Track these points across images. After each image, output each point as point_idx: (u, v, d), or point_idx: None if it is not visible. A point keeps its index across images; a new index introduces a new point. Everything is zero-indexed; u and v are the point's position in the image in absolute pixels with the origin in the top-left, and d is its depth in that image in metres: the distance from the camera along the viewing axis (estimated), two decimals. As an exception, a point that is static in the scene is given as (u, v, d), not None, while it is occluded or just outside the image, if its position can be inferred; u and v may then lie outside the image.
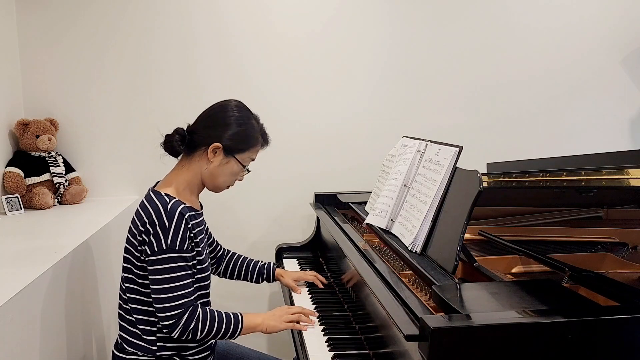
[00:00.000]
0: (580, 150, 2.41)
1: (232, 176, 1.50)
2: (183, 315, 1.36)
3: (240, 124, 1.46)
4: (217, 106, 1.50)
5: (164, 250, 1.35)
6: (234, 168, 1.48)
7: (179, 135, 1.45)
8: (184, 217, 1.37)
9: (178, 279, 1.36)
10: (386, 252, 1.63)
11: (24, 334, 1.28)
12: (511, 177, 1.53)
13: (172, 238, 1.35)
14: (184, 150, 1.47)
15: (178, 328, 1.36)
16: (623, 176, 1.22)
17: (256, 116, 1.54)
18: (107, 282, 2.00)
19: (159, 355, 1.43)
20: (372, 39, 2.53)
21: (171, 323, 1.36)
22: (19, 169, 2.17)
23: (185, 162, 1.48)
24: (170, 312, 1.35)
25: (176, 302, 1.35)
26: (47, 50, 2.32)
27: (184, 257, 1.38)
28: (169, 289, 1.35)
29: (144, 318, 1.43)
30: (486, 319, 0.98)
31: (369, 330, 1.42)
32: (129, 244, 1.43)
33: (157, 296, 1.36)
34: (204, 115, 1.50)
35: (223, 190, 1.54)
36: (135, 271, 1.42)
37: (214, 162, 1.45)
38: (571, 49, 2.65)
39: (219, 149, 1.44)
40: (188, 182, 1.47)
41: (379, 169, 2.03)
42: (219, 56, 2.44)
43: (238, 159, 1.47)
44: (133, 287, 1.43)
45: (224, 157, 1.45)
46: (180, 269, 1.37)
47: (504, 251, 1.54)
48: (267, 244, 2.50)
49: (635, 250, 1.57)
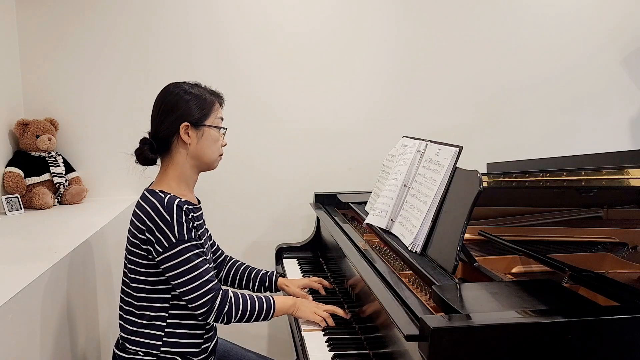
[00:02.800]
0: (580, 150, 2.41)
1: (215, 143, 1.50)
2: (215, 300, 1.37)
3: (188, 94, 1.46)
4: (161, 95, 1.49)
5: (174, 244, 1.35)
6: (212, 135, 1.48)
7: (146, 144, 1.46)
8: (182, 209, 1.38)
9: (197, 266, 1.37)
10: (386, 252, 1.63)
11: (23, 334, 1.28)
12: (511, 177, 1.53)
13: (178, 230, 1.36)
14: (159, 153, 1.48)
15: (213, 313, 1.38)
16: (623, 176, 1.22)
17: (197, 82, 1.54)
18: (107, 282, 2.00)
19: (162, 352, 1.43)
20: (372, 39, 2.53)
21: (205, 310, 1.37)
22: (19, 169, 2.17)
23: (167, 160, 1.48)
24: (201, 300, 1.36)
25: (203, 288, 1.36)
26: (47, 50, 2.32)
27: (196, 245, 1.39)
28: (191, 279, 1.36)
29: (151, 314, 1.42)
30: (486, 319, 0.98)
31: (369, 330, 1.42)
32: (131, 245, 1.42)
33: (182, 289, 1.37)
34: (155, 111, 1.49)
35: (217, 162, 1.53)
36: (140, 270, 1.42)
37: (191, 142, 1.45)
38: (571, 49, 2.65)
39: (189, 127, 1.44)
40: (179, 177, 1.47)
41: (379, 169, 2.03)
42: (219, 56, 2.44)
43: (209, 124, 1.48)
44: (139, 286, 1.42)
45: (197, 131, 1.45)
46: (196, 256, 1.37)
47: (504, 251, 1.54)
48: (267, 244, 2.50)
49: (635, 250, 1.57)
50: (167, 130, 1.45)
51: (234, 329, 2.53)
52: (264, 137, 2.51)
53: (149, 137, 1.48)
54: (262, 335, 2.64)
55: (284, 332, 2.55)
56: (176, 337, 1.44)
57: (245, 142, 2.49)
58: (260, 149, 2.51)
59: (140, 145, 1.47)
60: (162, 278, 1.41)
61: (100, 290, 1.93)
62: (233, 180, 2.52)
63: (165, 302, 1.43)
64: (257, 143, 2.52)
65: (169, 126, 1.45)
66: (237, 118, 2.46)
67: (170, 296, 1.43)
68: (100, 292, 1.93)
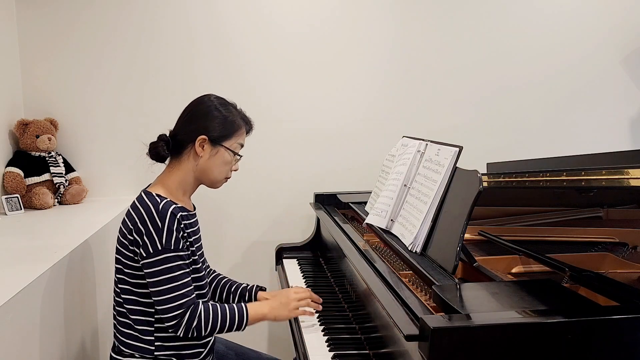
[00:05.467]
0: (580, 150, 2.41)
1: (225, 166, 1.50)
2: (185, 315, 1.36)
3: (219, 111, 1.46)
4: (194, 102, 1.50)
5: (159, 251, 1.35)
6: (225, 157, 1.48)
7: (163, 141, 1.46)
8: (176, 217, 1.37)
9: (176, 278, 1.36)
10: (386, 252, 1.63)
11: (23, 334, 1.28)
12: (511, 177, 1.53)
13: (166, 238, 1.35)
14: (171, 153, 1.47)
15: (182, 327, 1.36)
16: (623, 176, 1.22)
17: (234, 103, 1.54)
18: (107, 282, 2.00)
19: (157, 356, 1.42)
20: (372, 39, 2.53)
21: (174, 323, 1.36)
22: (19, 169, 2.17)
23: (174, 163, 1.48)
24: (172, 313, 1.35)
25: (177, 302, 1.35)
26: (47, 50, 2.32)
27: (180, 256, 1.37)
28: (168, 289, 1.35)
29: (140, 318, 1.42)
30: (486, 319, 0.98)
31: (369, 330, 1.42)
32: (120, 245, 1.42)
33: (157, 298, 1.36)
34: (183, 114, 1.50)
35: (221, 183, 1.53)
36: (126, 271, 1.41)
37: (203, 156, 1.45)
38: (571, 49, 2.65)
39: (205, 141, 1.44)
40: (179, 182, 1.47)
41: (379, 169, 2.03)
42: (219, 56, 2.44)
43: (226, 147, 1.47)
44: (126, 287, 1.42)
45: (213, 148, 1.45)
46: (177, 268, 1.36)
47: (504, 251, 1.54)
48: (267, 244, 2.50)
49: (635, 250, 1.57)
50: (186, 135, 1.45)
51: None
52: (264, 138, 2.51)
53: (167, 135, 1.48)
54: (262, 334, 2.64)
55: (284, 331, 2.55)
56: (168, 341, 1.43)
57: (246, 142, 2.48)
58: (260, 149, 2.51)
59: (157, 139, 1.46)
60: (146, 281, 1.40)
61: (100, 290, 1.93)
62: (233, 181, 2.50)
63: (151, 307, 1.41)
64: (257, 143, 2.51)
65: (189, 133, 1.45)
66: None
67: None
68: (100, 292, 1.93)
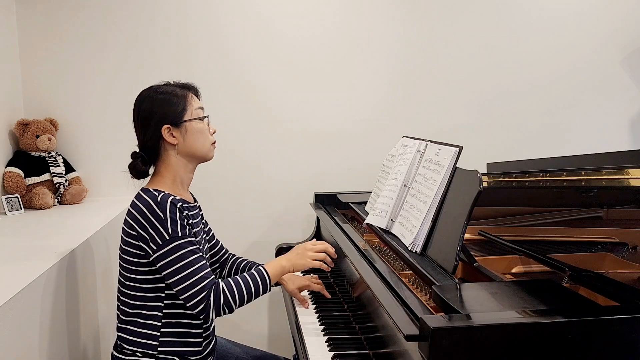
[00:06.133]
0: (580, 150, 2.41)
1: (202, 134, 1.49)
2: (210, 296, 1.36)
3: (159, 97, 1.46)
4: (135, 108, 1.48)
5: (167, 241, 1.35)
6: (195, 127, 1.47)
7: (138, 158, 1.46)
8: (176, 207, 1.38)
9: (192, 263, 1.36)
10: (386, 252, 1.63)
11: (24, 333, 1.28)
12: (511, 177, 1.53)
13: (171, 227, 1.35)
14: (151, 161, 1.48)
15: (211, 309, 1.36)
16: (623, 176, 1.21)
17: (164, 82, 1.54)
18: (107, 282, 2.00)
19: (160, 352, 1.42)
20: (372, 39, 2.53)
21: (202, 308, 1.35)
22: (19, 169, 2.17)
23: (160, 165, 1.48)
24: (197, 298, 1.35)
25: (198, 285, 1.35)
26: (47, 49, 2.32)
27: (190, 241, 1.38)
28: (186, 276, 1.35)
29: (145, 313, 1.42)
30: (486, 319, 0.98)
31: (369, 330, 1.42)
32: (125, 244, 1.42)
33: (177, 287, 1.36)
34: (136, 124, 1.48)
35: (211, 151, 1.52)
36: (133, 269, 1.41)
37: (178, 140, 1.45)
38: (571, 49, 2.65)
39: (170, 128, 1.44)
40: (173, 177, 1.47)
41: (379, 169, 2.03)
42: (219, 56, 2.44)
43: (188, 118, 1.47)
44: (133, 284, 1.42)
45: (179, 129, 1.45)
46: (190, 253, 1.37)
47: (504, 251, 1.54)
48: (267, 244, 2.50)
49: (635, 250, 1.57)
50: (152, 137, 1.45)
51: (233, 327, 2.55)
52: (264, 138, 2.51)
53: (138, 150, 1.48)
54: (262, 334, 2.64)
55: (284, 331, 2.55)
56: (172, 337, 1.43)
57: (246, 143, 2.49)
58: (260, 149, 2.51)
59: (132, 159, 1.47)
60: (155, 277, 1.40)
61: (100, 290, 1.93)
62: (233, 180, 2.52)
63: (159, 302, 1.42)
64: (257, 143, 2.52)
65: (152, 133, 1.44)
66: (237, 119, 2.47)
67: (164, 295, 1.42)
68: (100, 292, 1.93)
